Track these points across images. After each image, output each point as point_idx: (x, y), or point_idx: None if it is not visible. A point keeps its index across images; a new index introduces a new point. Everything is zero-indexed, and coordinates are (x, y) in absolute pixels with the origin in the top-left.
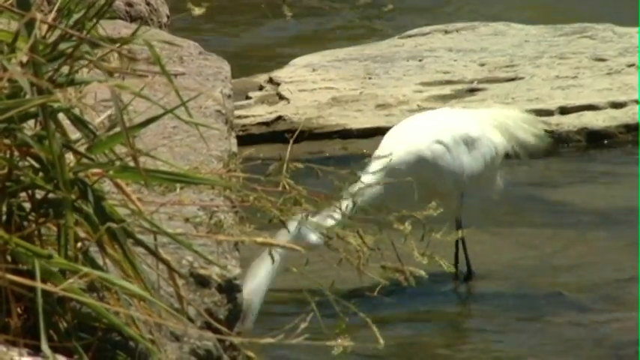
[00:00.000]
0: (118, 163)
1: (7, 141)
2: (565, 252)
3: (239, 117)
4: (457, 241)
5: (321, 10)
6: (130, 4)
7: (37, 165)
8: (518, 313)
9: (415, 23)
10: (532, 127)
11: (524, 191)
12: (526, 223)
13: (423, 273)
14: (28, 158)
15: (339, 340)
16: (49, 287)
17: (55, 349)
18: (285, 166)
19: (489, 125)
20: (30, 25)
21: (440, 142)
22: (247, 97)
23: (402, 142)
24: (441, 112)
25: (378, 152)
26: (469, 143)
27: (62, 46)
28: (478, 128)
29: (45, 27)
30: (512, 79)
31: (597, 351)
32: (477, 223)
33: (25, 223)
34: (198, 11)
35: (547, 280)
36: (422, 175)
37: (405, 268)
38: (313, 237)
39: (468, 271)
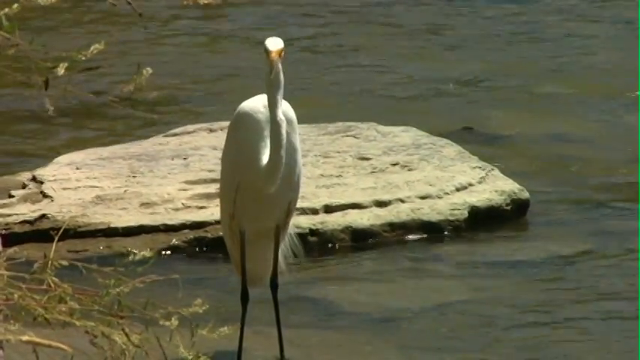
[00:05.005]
0: None
1: None
2: (330, 354)
3: (1, 215)
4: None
5: (82, 107)
6: None
7: None
8: None
9: (180, 121)
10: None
11: (289, 290)
12: (290, 322)
13: None
14: None
15: None
16: None
17: None
18: (49, 264)
19: None
20: None
21: None
22: (10, 196)
23: None
24: None
25: None
26: None
27: None
28: None
29: None
30: None
31: None
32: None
33: None
34: None
35: None
36: None
37: None
38: None
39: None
